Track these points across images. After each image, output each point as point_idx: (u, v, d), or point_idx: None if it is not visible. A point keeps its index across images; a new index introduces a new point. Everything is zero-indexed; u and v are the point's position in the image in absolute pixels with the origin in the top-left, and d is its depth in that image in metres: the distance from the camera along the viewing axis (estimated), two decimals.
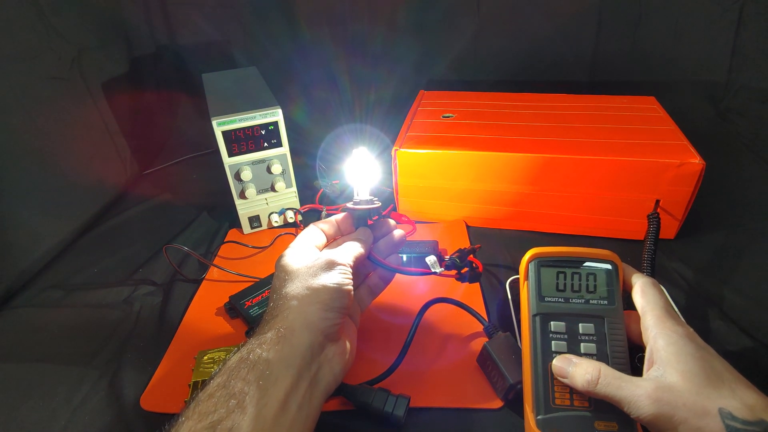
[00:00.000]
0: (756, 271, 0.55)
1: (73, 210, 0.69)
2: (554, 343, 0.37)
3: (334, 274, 0.35)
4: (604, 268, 0.39)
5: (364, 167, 0.44)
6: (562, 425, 0.34)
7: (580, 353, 0.36)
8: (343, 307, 0.35)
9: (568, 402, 0.35)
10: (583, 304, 0.38)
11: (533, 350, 0.37)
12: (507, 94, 0.78)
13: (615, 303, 0.38)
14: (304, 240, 0.40)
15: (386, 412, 0.40)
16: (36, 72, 0.63)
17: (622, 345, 0.36)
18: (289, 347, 0.32)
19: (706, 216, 0.62)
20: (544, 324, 0.38)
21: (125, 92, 0.84)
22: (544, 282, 0.40)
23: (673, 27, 0.89)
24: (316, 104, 0.98)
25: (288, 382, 0.30)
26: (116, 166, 0.79)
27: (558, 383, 0.36)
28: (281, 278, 0.36)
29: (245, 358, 0.31)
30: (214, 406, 0.28)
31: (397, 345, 0.45)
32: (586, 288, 0.39)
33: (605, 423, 0.34)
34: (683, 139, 0.60)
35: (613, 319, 0.37)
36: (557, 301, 0.39)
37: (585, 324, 0.38)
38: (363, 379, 0.44)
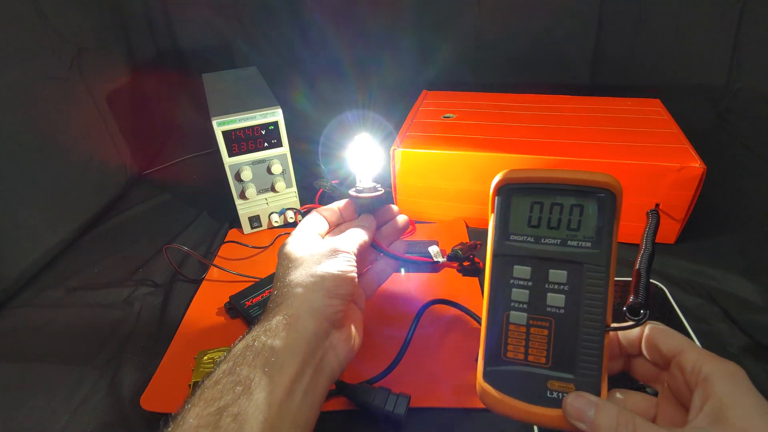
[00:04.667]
0: (757, 273, 0.55)
1: (73, 210, 0.69)
2: (514, 291, 0.31)
3: (338, 262, 0.35)
4: (595, 198, 0.30)
5: (366, 154, 0.44)
6: (510, 380, 0.30)
7: (544, 305, 0.30)
8: (347, 294, 0.35)
9: (522, 356, 0.30)
10: (558, 246, 0.30)
11: (491, 296, 0.32)
12: (508, 95, 0.78)
13: (601, 246, 0.29)
14: (306, 227, 0.40)
15: (387, 411, 0.40)
16: (36, 72, 0.63)
17: (601, 301, 0.29)
18: (294, 334, 0.32)
19: (706, 219, 0.61)
20: (506, 267, 0.31)
21: (125, 92, 0.84)
22: (514, 215, 0.31)
23: (673, 28, 0.89)
24: (318, 95, 0.99)
25: (294, 368, 0.31)
26: (116, 166, 0.79)
27: (513, 335, 0.31)
28: (285, 266, 0.36)
29: (250, 345, 0.31)
30: (220, 392, 0.28)
31: (396, 345, 0.45)
32: (567, 224, 0.30)
33: (560, 383, 0.29)
34: (684, 143, 0.60)
35: (595, 267, 0.29)
36: (526, 241, 0.31)
37: (556, 270, 0.30)
38: (363, 378, 0.44)
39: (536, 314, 0.30)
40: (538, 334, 0.30)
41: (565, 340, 0.30)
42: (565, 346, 0.30)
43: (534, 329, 0.30)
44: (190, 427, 0.27)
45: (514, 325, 0.31)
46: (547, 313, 0.30)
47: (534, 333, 0.30)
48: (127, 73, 0.85)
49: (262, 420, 0.28)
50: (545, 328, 0.30)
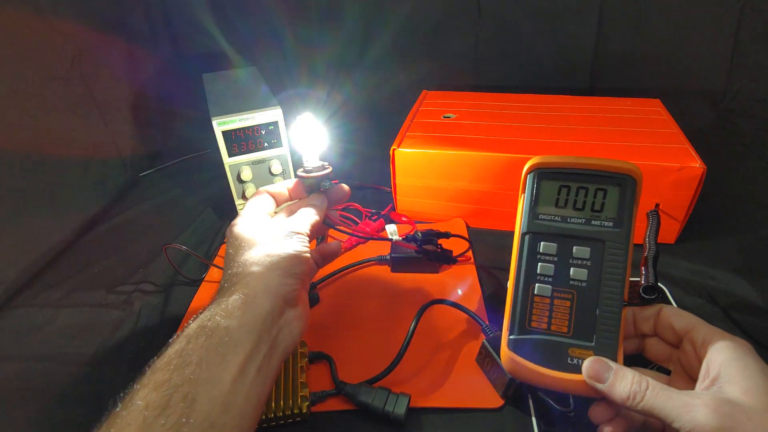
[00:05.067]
0: (757, 273, 0.55)
1: (73, 210, 0.69)
2: (540, 266, 0.34)
3: (293, 242, 0.36)
4: (618, 183, 0.34)
5: (310, 133, 0.44)
6: (534, 347, 0.33)
7: (568, 278, 0.33)
8: (302, 273, 0.36)
9: (545, 325, 0.33)
10: (583, 225, 0.34)
11: (518, 270, 0.35)
12: (508, 95, 0.78)
13: (622, 226, 0.33)
14: (255, 207, 0.40)
15: (387, 411, 0.40)
16: (36, 72, 0.63)
17: (620, 275, 0.32)
18: (250, 313, 0.32)
19: (706, 219, 0.61)
20: (533, 243, 0.34)
21: (125, 92, 0.84)
22: (543, 196, 0.35)
23: (673, 28, 0.89)
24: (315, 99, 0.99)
25: (249, 346, 0.31)
26: (116, 166, 0.79)
27: (538, 306, 0.33)
28: (236, 246, 0.36)
29: (204, 326, 0.31)
30: (170, 373, 0.28)
31: (396, 345, 0.45)
32: (591, 206, 0.34)
33: (580, 350, 0.32)
34: (684, 143, 0.60)
35: (615, 244, 0.33)
36: (553, 220, 0.34)
37: (580, 247, 0.34)
38: (363, 378, 0.44)
39: (560, 287, 0.33)
40: (561, 305, 0.33)
41: (586, 311, 0.33)
42: (586, 317, 0.32)
43: (558, 300, 0.33)
44: (137, 409, 0.27)
45: (539, 296, 0.34)
46: (571, 286, 0.33)
47: (557, 304, 0.33)
48: (127, 73, 0.85)
49: (214, 397, 0.28)
50: (568, 300, 0.33)
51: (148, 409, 0.26)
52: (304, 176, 0.43)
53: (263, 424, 0.41)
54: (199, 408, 0.27)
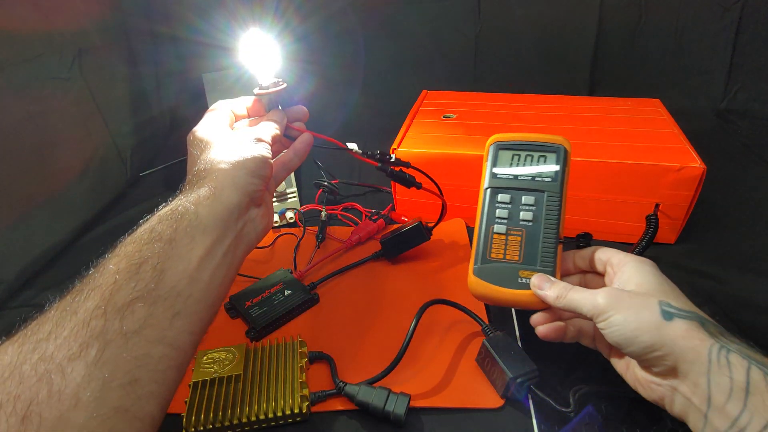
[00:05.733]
0: (757, 273, 0.55)
1: (73, 210, 0.69)
2: (498, 211, 0.44)
3: (258, 147, 0.39)
4: (554, 151, 0.44)
5: (259, 50, 0.43)
6: (492, 271, 0.42)
7: (518, 219, 0.44)
8: (266, 176, 0.39)
9: (502, 255, 0.43)
10: (530, 180, 0.44)
11: (481, 216, 0.45)
12: (508, 95, 0.78)
13: (557, 180, 0.44)
14: (216, 117, 0.41)
15: (387, 411, 0.40)
16: (36, 72, 0.63)
17: (555, 216, 0.43)
18: (218, 203, 0.34)
19: (706, 219, 0.61)
20: (493, 195, 0.45)
21: (126, 92, 0.84)
22: (500, 161, 0.46)
23: (673, 28, 0.89)
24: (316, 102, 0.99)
25: (216, 232, 0.33)
26: (116, 166, 0.79)
27: (496, 242, 0.43)
28: (201, 147, 0.38)
29: (175, 209, 0.33)
30: (140, 246, 0.30)
31: (396, 344, 0.45)
32: (535, 167, 0.45)
33: (528, 272, 0.41)
34: (684, 143, 0.60)
35: (552, 192, 0.43)
36: (507, 177, 0.45)
37: (527, 196, 0.44)
38: (363, 378, 0.44)
39: (513, 226, 0.44)
40: (513, 240, 0.43)
41: (532, 243, 0.43)
42: (532, 248, 0.42)
43: (511, 237, 0.43)
44: (109, 272, 0.28)
45: (497, 234, 0.44)
46: (521, 226, 0.44)
47: (511, 240, 0.43)
48: (127, 73, 0.85)
49: (182, 271, 0.30)
50: (519, 236, 0.43)
51: (119, 274, 0.28)
52: (261, 93, 0.44)
53: (263, 423, 0.41)
54: (168, 278, 0.29)
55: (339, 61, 0.99)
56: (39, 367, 0.24)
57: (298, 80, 0.50)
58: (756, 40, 0.87)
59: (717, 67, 0.91)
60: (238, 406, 0.40)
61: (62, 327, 0.26)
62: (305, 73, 0.84)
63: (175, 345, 0.29)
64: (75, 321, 0.26)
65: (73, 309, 0.27)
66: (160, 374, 0.28)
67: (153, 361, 0.28)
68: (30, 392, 0.23)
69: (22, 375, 0.24)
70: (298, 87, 0.46)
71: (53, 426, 0.23)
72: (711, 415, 0.30)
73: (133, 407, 0.26)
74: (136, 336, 0.27)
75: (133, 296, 0.28)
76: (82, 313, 0.26)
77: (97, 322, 0.26)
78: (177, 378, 0.30)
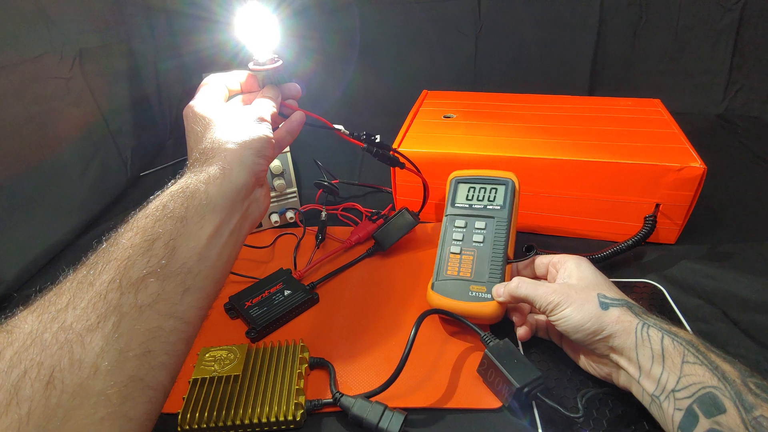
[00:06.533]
0: (757, 273, 0.55)
1: (73, 210, 0.69)
2: (455, 233, 0.51)
3: (263, 128, 0.39)
4: (503, 183, 0.52)
5: (257, 24, 0.42)
6: (447, 287, 0.48)
7: (471, 241, 0.50)
8: (270, 156, 0.40)
9: (456, 272, 0.49)
10: (482, 209, 0.52)
11: (441, 239, 0.52)
12: (508, 95, 0.78)
13: (505, 208, 0.51)
14: (211, 92, 0.41)
15: (380, 427, 0.39)
16: (37, 72, 0.63)
17: (503, 236, 0.50)
18: (228, 183, 0.35)
19: (706, 219, 0.61)
20: (451, 221, 0.52)
21: (126, 92, 0.84)
22: (458, 194, 0.54)
23: (673, 28, 0.89)
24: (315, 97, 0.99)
25: (224, 212, 0.34)
26: (116, 166, 0.79)
27: (451, 260, 0.50)
28: (203, 124, 0.38)
29: (186, 187, 0.33)
30: (153, 222, 0.31)
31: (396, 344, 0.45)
32: (487, 198, 0.52)
33: (477, 287, 0.48)
34: (685, 143, 0.60)
35: (500, 218, 0.51)
36: (463, 206, 0.53)
37: (479, 221, 0.51)
38: (363, 382, 0.44)
39: (466, 247, 0.51)
40: (466, 259, 0.50)
41: (482, 261, 0.49)
42: (482, 266, 0.49)
43: (464, 256, 0.50)
44: (123, 247, 0.29)
45: (453, 254, 0.50)
46: (472, 246, 0.50)
47: (464, 258, 0.50)
48: (127, 73, 0.85)
49: (192, 248, 0.31)
50: (471, 255, 0.50)
51: (133, 249, 0.29)
52: (255, 69, 0.43)
53: (256, 428, 0.40)
54: (179, 255, 0.31)
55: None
56: (59, 336, 0.25)
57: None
58: (756, 40, 0.87)
59: (717, 67, 0.91)
60: (233, 408, 0.40)
61: (80, 298, 0.27)
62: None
63: (184, 319, 0.30)
64: (92, 293, 0.27)
65: (89, 281, 0.28)
66: (171, 346, 0.29)
67: (164, 334, 0.29)
68: (52, 359, 0.24)
69: (44, 343, 0.25)
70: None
71: (74, 392, 0.24)
72: (642, 380, 0.37)
73: (147, 377, 0.27)
74: (149, 309, 0.28)
75: (147, 271, 0.29)
76: (98, 285, 0.27)
77: (113, 295, 0.27)
78: (185, 350, 0.31)
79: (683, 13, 0.88)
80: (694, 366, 0.34)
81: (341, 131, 0.50)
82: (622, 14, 0.89)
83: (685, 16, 0.88)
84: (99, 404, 0.25)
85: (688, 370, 0.34)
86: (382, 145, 0.55)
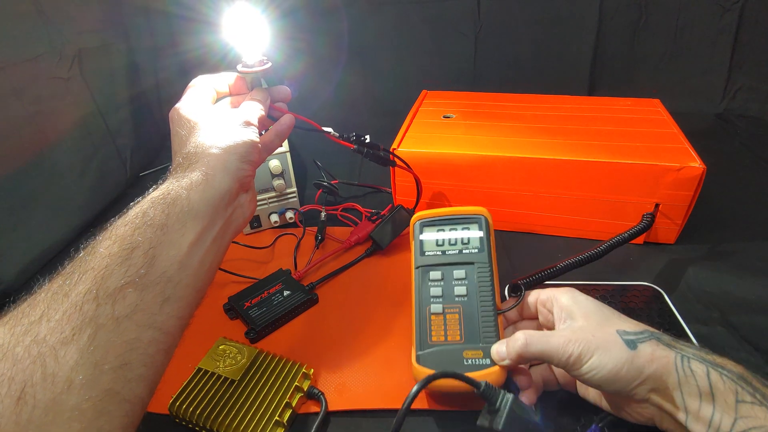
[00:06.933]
0: (757, 274, 0.54)
1: (73, 210, 0.69)
2: (432, 289, 0.43)
3: (248, 132, 0.38)
4: (475, 221, 0.45)
5: (247, 26, 0.42)
6: (437, 357, 0.39)
7: (453, 295, 0.42)
8: (255, 161, 0.39)
9: (443, 338, 0.40)
10: (457, 254, 0.44)
11: (416, 297, 0.43)
12: (508, 95, 0.78)
13: (484, 250, 0.43)
14: (199, 94, 0.41)
15: None
16: (36, 72, 0.63)
17: (489, 286, 0.42)
18: (210, 189, 0.34)
19: (706, 219, 0.61)
20: (425, 274, 0.44)
21: (125, 92, 0.84)
22: (426, 239, 0.45)
23: (673, 28, 0.89)
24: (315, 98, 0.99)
25: (206, 219, 0.33)
26: (116, 166, 0.79)
27: (434, 323, 0.41)
28: (188, 127, 0.37)
29: (167, 194, 0.33)
30: (132, 230, 0.30)
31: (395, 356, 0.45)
32: (461, 240, 0.44)
33: (473, 352, 0.39)
34: (684, 143, 0.60)
35: (481, 263, 0.43)
36: (435, 254, 0.44)
37: (458, 270, 0.43)
38: (359, 391, 0.43)
39: (449, 303, 0.42)
40: (452, 318, 0.41)
41: (471, 319, 0.40)
42: (472, 324, 0.40)
43: (449, 315, 0.41)
44: (100, 256, 0.29)
45: (435, 314, 0.41)
46: (456, 302, 0.42)
47: (449, 318, 0.41)
48: (127, 73, 0.85)
49: (172, 257, 0.31)
50: (456, 313, 0.41)
51: (111, 258, 0.29)
52: (244, 71, 0.43)
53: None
54: (158, 264, 0.30)
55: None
56: (32, 350, 0.24)
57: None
58: (756, 40, 0.87)
59: (717, 67, 0.91)
60: (215, 414, 0.40)
61: (54, 310, 0.26)
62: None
63: (164, 329, 0.30)
64: (67, 304, 0.26)
65: (65, 292, 0.27)
66: (149, 358, 0.28)
67: (143, 345, 0.28)
68: (24, 374, 0.24)
69: (16, 357, 0.24)
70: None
71: (47, 408, 0.24)
72: (690, 423, 0.32)
73: (124, 390, 0.27)
74: (127, 321, 0.27)
75: (125, 281, 0.28)
76: (74, 296, 0.27)
77: (89, 306, 0.26)
78: (165, 361, 0.31)
79: (683, 13, 0.88)
80: (752, 407, 0.30)
81: (331, 134, 0.49)
82: (621, 14, 0.89)
83: (684, 16, 0.88)
84: (73, 419, 0.24)
85: (746, 412, 0.30)
86: (372, 145, 0.54)
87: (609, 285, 0.53)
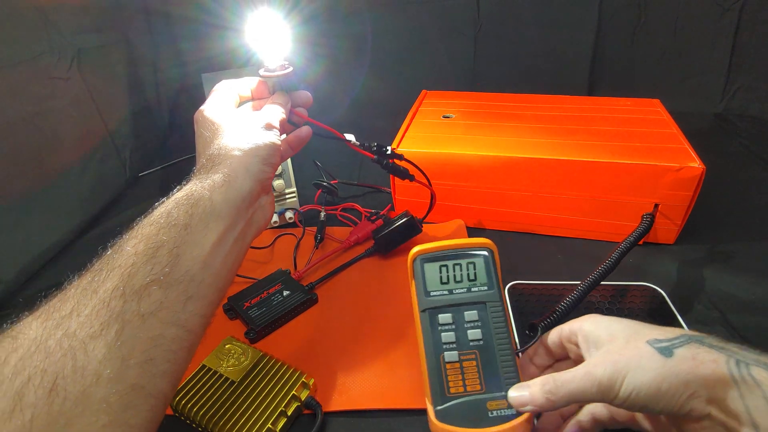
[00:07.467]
0: (757, 274, 0.54)
1: (73, 210, 0.69)
2: (443, 335, 0.38)
3: (270, 135, 0.39)
4: (481, 255, 0.40)
5: (269, 31, 0.42)
6: (458, 411, 0.35)
7: (467, 340, 0.38)
8: (276, 164, 0.39)
9: (462, 389, 0.36)
10: (466, 293, 0.39)
11: (426, 345, 0.38)
12: (508, 95, 0.78)
13: (494, 287, 0.39)
14: (223, 97, 0.41)
15: None
16: (35, 72, 0.63)
17: (503, 325, 0.38)
18: (232, 191, 0.35)
19: (706, 219, 0.61)
20: (433, 318, 0.39)
21: (125, 92, 0.84)
22: (429, 277, 0.40)
23: (673, 28, 0.89)
24: None
25: (229, 220, 0.34)
26: (116, 166, 0.79)
27: (451, 373, 0.37)
28: (212, 130, 0.38)
29: (191, 195, 0.33)
30: (157, 229, 0.31)
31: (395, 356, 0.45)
32: (467, 277, 0.40)
33: (496, 402, 0.35)
34: (684, 143, 0.60)
35: (493, 303, 0.39)
36: (442, 294, 0.39)
37: (469, 311, 0.39)
38: (357, 392, 0.43)
39: (464, 350, 0.37)
40: (469, 366, 0.37)
41: (490, 365, 0.37)
42: (491, 370, 0.36)
43: (466, 362, 0.37)
44: (127, 254, 0.29)
45: (450, 363, 0.37)
46: (471, 347, 0.37)
47: (466, 366, 0.37)
48: (126, 73, 0.85)
49: (196, 256, 0.31)
50: (473, 360, 0.37)
51: (137, 256, 0.29)
52: (266, 75, 0.43)
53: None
54: (182, 263, 0.30)
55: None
56: (63, 343, 0.25)
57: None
58: (755, 40, 0.87)
59: (716, 67, 0.91)
60: (210, 413, 0.40)
61: (83, 305, 0.27)
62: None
63: (187, 327, 0.30)
64: (96, 300, 0.27)
65: (93, 288, 0.28)
66: (172, 354, 0.29)
67: (167, 342, 0.29)
68: (56, 367, 0.25)
69: (48, 349, 0.25)
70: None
71: (77, 400, 0.24)
72: None
73: (148, 385, 0.27)
74: (152, 317, 0.28)
75: (150, 279, 0.29)
76: (102, 293, 0.28)
77: (116, 303, 0.27)
78: (187, 358, 0.31)
79: (682, 13, 0.88)
80: None
81: (351, 142, 0.49)
82: (621, 14, 0.89)
83: (683, 16, 0.88)
84: (101, 412, 0.25)
85: None
86: (393, 155, 0.54)
87: (608, 286, 0.53)
